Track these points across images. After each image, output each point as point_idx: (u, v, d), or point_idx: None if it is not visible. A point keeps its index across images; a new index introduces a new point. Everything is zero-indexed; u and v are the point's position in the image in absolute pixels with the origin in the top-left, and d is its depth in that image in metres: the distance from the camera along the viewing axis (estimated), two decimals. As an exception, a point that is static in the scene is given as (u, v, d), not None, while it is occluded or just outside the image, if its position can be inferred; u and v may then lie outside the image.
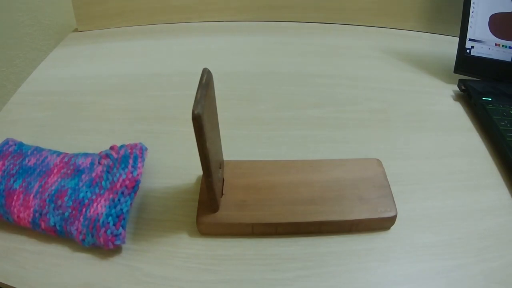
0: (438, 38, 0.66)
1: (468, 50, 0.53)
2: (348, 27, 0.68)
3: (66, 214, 0.34)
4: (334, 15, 0.68)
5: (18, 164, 0.37)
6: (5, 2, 0.70)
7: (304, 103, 0.51)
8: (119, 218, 0.33)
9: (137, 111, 0.49)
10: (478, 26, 0.52)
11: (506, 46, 0.51)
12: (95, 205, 0.34)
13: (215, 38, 0.65)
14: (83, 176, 0.37)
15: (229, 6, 0.68)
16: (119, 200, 0.34)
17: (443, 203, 0.38)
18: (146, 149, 0.39)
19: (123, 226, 0.33)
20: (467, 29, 0.52)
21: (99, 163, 0.38)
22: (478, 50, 0.52)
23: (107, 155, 0.38)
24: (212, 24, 0.69)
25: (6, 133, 0.44)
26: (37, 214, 0.34)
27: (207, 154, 0.29)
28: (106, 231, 0.32)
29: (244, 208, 0.35)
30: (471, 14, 0.52)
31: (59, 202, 0.34)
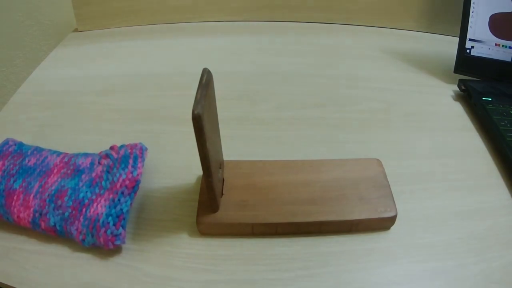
0: (438, 38, 0.66)
1: (468, 50, 0.53)
2: (348, 27, 0.68)
3: (66, 214, 0.34)
4: (334, 15, 0.68)
5: (18, 164, 0.37)
6: (5, 2, 0.70)
7: (304, 103, 0.51)
8: (119, 218, 0.33)
9: (137, 111, 0.49)
10: (478, 26, 0.52)
11: (506, 46, 0.51)
12: (95, 205, 0.34)
13: (215, 38, 0.65)
14: (83, 176, 0.37)
15: (229, 6, 0.68)
16: (119, 200, 0.34)
17: (443, 203, 0.38)
18: (146, 149, 0.39)
19: (123, 226, 0.33)
20: (467, 29, 0.52)
21: (99, 163, 0.38)
22: (478, 50, 0.52)
23: (107, 155, 0.38)
24: (212, 24, 0.69)
25: (6, 133, 0.44)
26: (37, 214, 0.34)
27: (207, 154, 0.29)
28: (106, 231, 0.32)
29: (244, 208, 0.35)
30: (471, 14, 0.52)
31: (59, 202, 0.34)
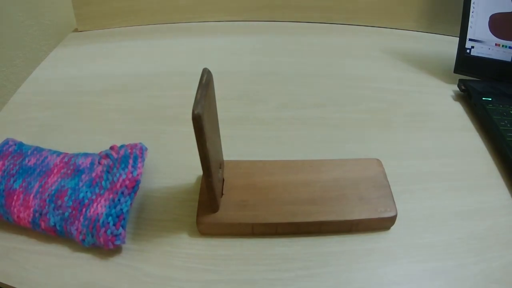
0: (438, 38, 0.66)
1: (468, 50, 0.53)
2: (348, 27, 0.68)
3: (66, 214, 0.34)
4: (334, 15, 0.68)
5: (18, 164, 0.37)
6: (5, 2, 0.70)
7: (304, 103, 0.51)
8: (119, 218, 0.33)
9: (137, 111, 0.49)
10: (478, 26, 0.52)
11: (506, 46, 0.51)
12: (95, 205, 0.34)
13: (215, 38, 0.65)
14: (83, 176, 0.37)
15: (229, 6, 0.68)
16: (119, 200, 0.34)
17: (443, 203, 0.38)
18: (146, 149, 0.39)
19: (123, 226, 0.33)
20: (467, 29, 0.52)
21: (99, 163, 0.38)
22: (478, 50, 0.52)
23: (107, 155, 0.38)
24: (212, 24, 0.69)
25: (6, 133, 0.44)
26: (37, 214, 0.34)
27: (207, 154, 0.29)
28: (106, 231, 0.32)
29: (244, 208, 0.35)
30: (471, 14, 0.52)
31: (59, 202, 0.34)
